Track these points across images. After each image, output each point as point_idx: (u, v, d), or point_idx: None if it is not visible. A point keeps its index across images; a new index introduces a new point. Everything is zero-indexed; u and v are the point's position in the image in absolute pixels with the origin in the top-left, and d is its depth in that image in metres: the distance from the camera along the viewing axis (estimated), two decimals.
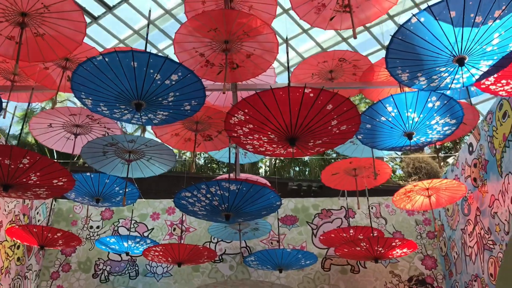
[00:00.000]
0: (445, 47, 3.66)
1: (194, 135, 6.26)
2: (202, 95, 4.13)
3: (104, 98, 4.02)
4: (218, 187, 4.65)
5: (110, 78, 3.81)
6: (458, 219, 7.91)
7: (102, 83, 3.87)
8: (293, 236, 9.05)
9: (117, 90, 3.92)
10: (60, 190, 4.87)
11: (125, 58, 3.69)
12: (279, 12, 11.15)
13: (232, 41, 5.10)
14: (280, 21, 11.83)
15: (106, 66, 3.73)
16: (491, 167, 6.74)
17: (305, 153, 4.26)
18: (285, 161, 18.49)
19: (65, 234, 6.88)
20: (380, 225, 8.99)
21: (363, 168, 7.48)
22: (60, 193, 5.20)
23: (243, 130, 3.92)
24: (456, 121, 4.94)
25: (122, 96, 3.98)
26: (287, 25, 12.19)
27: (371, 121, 4.84)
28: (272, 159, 19.44)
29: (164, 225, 9.28)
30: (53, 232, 6.78)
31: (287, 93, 3.47)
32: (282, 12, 11.49)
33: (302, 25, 12.08)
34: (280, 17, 11.72)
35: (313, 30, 12.52)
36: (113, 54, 3.67)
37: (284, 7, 11.09)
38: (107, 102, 4.07)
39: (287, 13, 11.37)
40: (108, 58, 3.69)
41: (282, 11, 11.28)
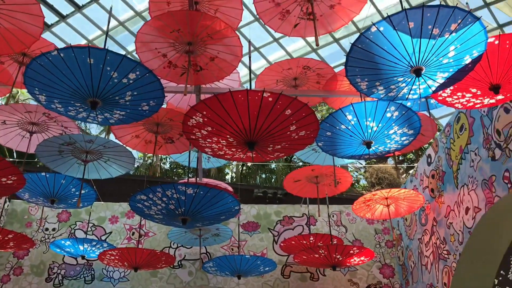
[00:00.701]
0: (403, 57, 3.71)
1: (155, 137, 6.16)
2: (161, 96, 4.06)
3: (58, 94, 3.89)
4: (174, 191, 4.56)
5: (65, 74, 3.69)
6: (416, 229, 8.06)
7: (56, 79, 3.74)
8: (254, 242, 9.01)
9: (72, 87, 3.80)
10: (10, 189, 4.67)
11: (81, 54, 3.58)
12: (251, 20, 11.20)
13: (195, 43, 5.05)
14: (252, 28, 11.89)
15: (61, 61, 3.61)
16: (448, 179, 6.91)
17: (264, 157, 4.23)
18: (251, 168, 18.51)
19: (17, 235, 6.62)
20: (340, 233, 9.06)
21: (324, 176, 7.54)
22: (9, 192, 5.00)
23: (202, 132, 3.86)
24: (414, 132, 5.02)
25: (77, 94, 3.86)
26: (258, 34, 12.28)
27: (331, 129, 4.87)
28: (239, 165, 19.41)
29: (122, 229, 9.08)
30: (4, 234, 6.51)
31: (246, 97, 3.44)
32: (254, 20, 11.53)
33: (273, 34, 12.16)
34: (252, 25, 11.77)
35: (284, 40, 12.61)
36: (68, 50, 3.56)
37: (256, 15, 11.17)
38: (61, 99, 3.94)
39: (258, 21, 11.40)
40: (63, 53, 3.57)
41: (254, 19, 11.32)
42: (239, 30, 11.33)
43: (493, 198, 5.56)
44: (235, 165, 19.61)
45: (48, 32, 12.00)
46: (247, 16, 9.68)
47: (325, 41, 12.91)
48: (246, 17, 9.61)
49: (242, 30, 11.71)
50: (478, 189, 5.94)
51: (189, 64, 5.15)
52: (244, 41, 5.15)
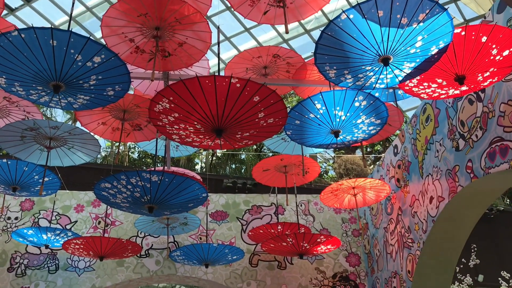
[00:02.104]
0: (371, 46, 3.73)
1: (121, 124, 6.03)
2: (127, 81, 3.95)
3: (19, 77, 3.74)
4: (138, 178, 4.47)
5: (26, 56, 3.54)
6: (382, 218, 8.21)
7: (17, 61, 3.58)
8: (222, 231, 9.00)
9: (34, 70, 3.66)
10: None
11: (44, 35, 3.44)
12: (223, 9, 11.05)
13: (163, 28, 4.95)
14: (222, 17, 11.77)
15: (22, 42, 3.46)
16: (413, 169, 7.05)
17: (233, 145, 4.20)
18: (221, 159, 18.45)
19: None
20: (308, 222, 9.14)
21: (293, 166, 7.56)
22: None
23: (169, 119, 3.79)
24: (381, 122, 5.08)
25: (39, 77, 3.72)
26: (230, 23, 12.15)
27: (300, 117, 4.87)
28: (209, 155, 19.31)
29: (88, 218, 8.91)
30: None
31: (214, 82, 3.39)
32: (225, 9, 11.38)
33: (244, 23, 12.06)
34: (223, 14, 11.65)
35: (255, 30, 12.54)
36: (30, 31, 3.41)
37: (227, 4, 11.02)
38: (22, 82, 3.79)
39: (230, 10, 11.28)
40: (24, 34, 3.43)
41: (225, 7, 11.18)
42: (209, 19, 11.20)
43: (456, 188, 5.70)
44: (205, 155, 19.53)
45: (12, 16, 11.59)
46: (217, 4, 9.54)
47: (296, 32, 12.92)
48: (216, 6, 9.46)
49: (213, 19, 11.59)
50: (442, 178, 6.08)
51: (157, 49, 5.05)
52: (214, 30, 5.08)
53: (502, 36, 3.97)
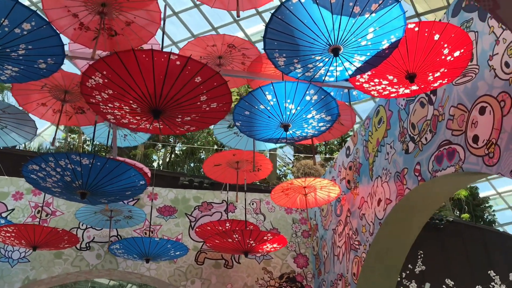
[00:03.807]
0: (322, 34, 3.58)
1: (65, 107, 5.67)
2: (60, 53, 3.66)
3: None
4: (68, 161, 4.15)
5: None
6: (331, 219, 8.14)
7: None
8: (169, 227, 8.70)
9: None
10: None
11: None
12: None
13: (109, 4, 4.66)
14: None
15: None
16: (363, 171, 7.00)
17: (173, 130, 3.96)
18: (180, 157, 18.08)
19: None
20: (258, 221, 8.98)
21: (245, 162, 7.38)
22: None
23: (102, 96, 3.51)
24: (331, 118, 4.96)
25: None
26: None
27: (250, 108, 4.69)
28: (167, 153, 18.88)
29: (27, 206, 8.42)
30: None
31: (151, 58, 3.15)
32: None
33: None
34: None
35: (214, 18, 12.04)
36: None
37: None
38: None
39: None
40: None
41: None
42: None
43: (404, 190, 5.67)
44: (162, 151, 19.09)
45: None
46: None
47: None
48: None
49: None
50: (390, 181, 6.03)
51: (103, 27, 4.75)
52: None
53: (454, 36, 3.91)
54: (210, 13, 11.57)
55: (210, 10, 10.92)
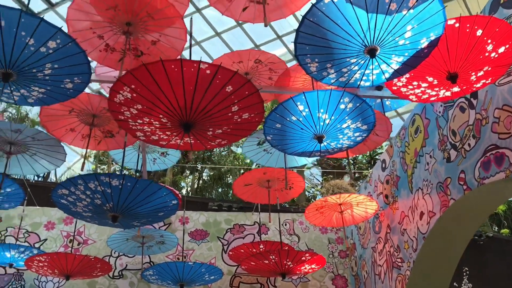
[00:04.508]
0: (357, 35, 3.39)
1: (93, 131, 5.60)
2: (86, 71, 3.56)
3: None
4: (97, 182, 4.01)
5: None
6: (370, 237, 7.78)
7: None
8: (202, 251, 8.49)
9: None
10: None
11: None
12: (192, 11, 10.50)
13: (135, 23, 4.59)
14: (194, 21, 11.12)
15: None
16: (402, 183, 6.68)
17: (204, 145, 3.79)
18: (208, 182, 17.99)
19: None
20: (292, 242, 8.68)
21: (276, 180, 7.15)
22: None
23: (131, 111, 3.39)
24: (368, 128, 4.71)
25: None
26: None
27: (282, 120, 4.49)
28: (195, 179, 18.80)
29: (59, 236, 8.36)
30: None
31: (180, 68, 3.02)
32: (195, 11, 10.78)
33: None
34: (194, 16, 11.02)
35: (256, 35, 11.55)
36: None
37: (197, 6, 10.47)
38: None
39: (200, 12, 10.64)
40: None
41: (196, 10, 10.58)
42: None
43: (448, 202, 5.34)
44: (191, 178, 19.03)
45: None
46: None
47: None
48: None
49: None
50: (433, 192, 5.71)
51: (128, 47, 4.69)
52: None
53: (498, 30, 3.66)
54: (251, 29, 11.17)
55: (249, 27, 10.73)
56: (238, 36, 11.27)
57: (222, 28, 11.20)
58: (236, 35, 11.43)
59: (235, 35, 11.43)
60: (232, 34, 11.54)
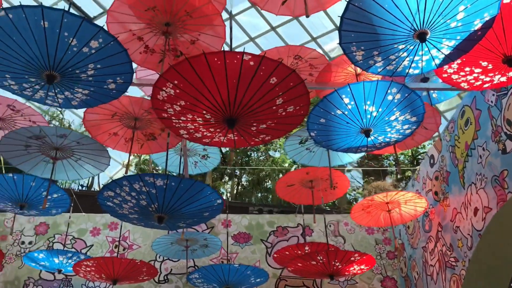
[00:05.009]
0: (405, 18, 3.22)
1: (135, 135, 5.61)
2: (129, 71, 3.53)
3: (10, 67, 3.37)
4: (142, 183, 3.97)
5: (16, 41, 3.17)
6: (419, 237, 7.48)
7: (6, 48, 3.22)
8: (246, 255, 8.40)
9: (25, 58, 3.28)
10: None
11: (34, 15, 3.07)
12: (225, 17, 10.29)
13: (173, 23, 4.57)
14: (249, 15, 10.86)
15: (10, 24, 3.10)
16: (453, 179, 6.38)
17: (248, 141, 3.69)
18: (247, 187, 17.96)
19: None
20: (338, 243, 8.46)
21: (320, 180, 6.97)
22: None
23: (174, 108, 3.33)
24: (417, 119, 4.50)
25: (31, 66, 3.34)
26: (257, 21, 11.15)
27: (326, 115, 4.33)
28: (234, 185, 18.81)
29: (105, 242, 8.46)
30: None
31: (223, 60, 2.93)
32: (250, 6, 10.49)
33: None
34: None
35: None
36: (18, 10, 3.05)
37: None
38: (14, 73, 3.41)
39: (234, 18, 10.48)
40: (12, 14, 3.06)
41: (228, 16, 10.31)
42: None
43: (506, 195, 5.03)
44: (229, 184, 19.04)
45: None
46: None
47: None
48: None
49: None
50: (487, 187, 5.40)
51: (168, 48, 4.66)
52: None
53: None
54: (284, 32, 10.90)
55: (282, 30, 10.44)
56: (272, 40, 11.12)
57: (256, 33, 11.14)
58: (269, 39, 11.30)
59: (269, 39, 11.31)
60: (266, 39, 11.43)
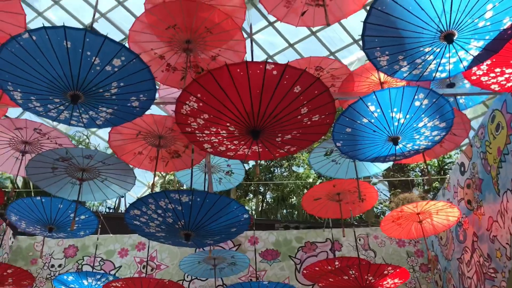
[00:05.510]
0: (430, 20, 3.13)
1: (160, 153, 5.62)
2: (152, 88, 3.53)
3: (34, 89, 3.40)
4: (167, 200, 3.93)
5: (39, 62, 3.21)
6: (453, 248, 7.22)
7: (30, 69, 3.26)
8: (274, 272, 8.25)
9: (49, 78, 3.31)
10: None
11: (56, 36, 3.11)
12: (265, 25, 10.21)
13: (194, 40, 4.58)
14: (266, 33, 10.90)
15: (34, 46, 3.14)
16: (486, 186, 6.15)
17: (273, 153, 3.62)
18: (272, 204, 17.84)
19: (17, 270, 6.08)
20: (368, 257, 8.25)
21: (347, 193, 6.84)
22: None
23: (198, 122, 3.30)
24: (446, 125, 4.36)
25: (55, 86, 3.37)
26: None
27: (351, 124, 4.23)
28: (259, 202, 18.70)
29: (133, 263, 8.44)
30: (3, 269, 5.98)
31: (246, 71, 2.89)
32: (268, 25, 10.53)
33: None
34: None
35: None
36: (41, 31, 3.09)
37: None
38: (38, 94, 3.44)
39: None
40: (36, 36, 3.10)
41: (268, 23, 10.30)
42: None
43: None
44: (254, 201, 18.95)
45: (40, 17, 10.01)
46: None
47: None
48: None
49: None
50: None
51: (189, 65, 4.68)
52: None
53: None
54: (303, 48, 10.88)
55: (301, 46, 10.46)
56: (290, 57, 11.08)
57: (274, 51, 11.16)
58: (288, 56, 11.30)
59: (287, 56, 11.31)
60: (284, 56, 11.43)
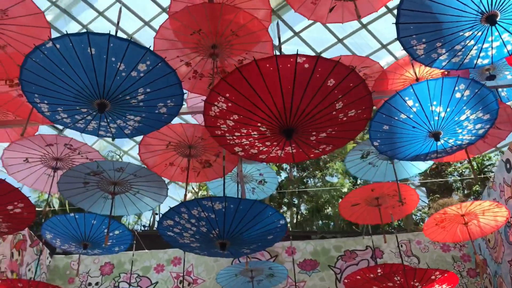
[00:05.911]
0: (470, 1, 2.91)
1: (191, 163, 5.51)
2: (179, 93, 3.42)
3: (61, 99, 3.34)
4: (200, 208, 3.78)
5: (64, 71, 3.14)
6: (503, 250, 6.82)
7: (55, 79, 3.19)
8: (314, 282, 7.99)
9: (75, 88, 3.24)
10: (21, 220, 4.10)
11: (80, 43, 3.04)
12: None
13: (220, 44, 4.48)
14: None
15: (58, 55, 3.08)
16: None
17: (307, 153, 3.44)
18: (307, 216, 17.57)
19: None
20: (412, 264, 7.89)
21: (386, 197, 6.54)
22: (23, 225, 4.41)
23: (227, 124, 3.16)
24: (490, 117, 4.07)
25: (81, 95, 3.30)
26: None
27: (389, 121, 4.00)
28: (294, 213, 18.44)
29: (169, 278, 8.34)
30: (41, 287, 5.96)
31: (276, 65, 2.74)
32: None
33: None
34: None
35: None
36: (65, 39, 3.03)
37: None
38: (65, 105, 3.38)
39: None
40: (59, 44, 3.04)
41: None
42: None
43: None
44: (289, 212, 18.70)
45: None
46: None
47: None
48: None
49: None
50: None
51: (217, 70, 4.56)
52: None
53: None
54: (353, 44, 10.27)
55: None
56: None
57: None
58: None
59: None
60: None
